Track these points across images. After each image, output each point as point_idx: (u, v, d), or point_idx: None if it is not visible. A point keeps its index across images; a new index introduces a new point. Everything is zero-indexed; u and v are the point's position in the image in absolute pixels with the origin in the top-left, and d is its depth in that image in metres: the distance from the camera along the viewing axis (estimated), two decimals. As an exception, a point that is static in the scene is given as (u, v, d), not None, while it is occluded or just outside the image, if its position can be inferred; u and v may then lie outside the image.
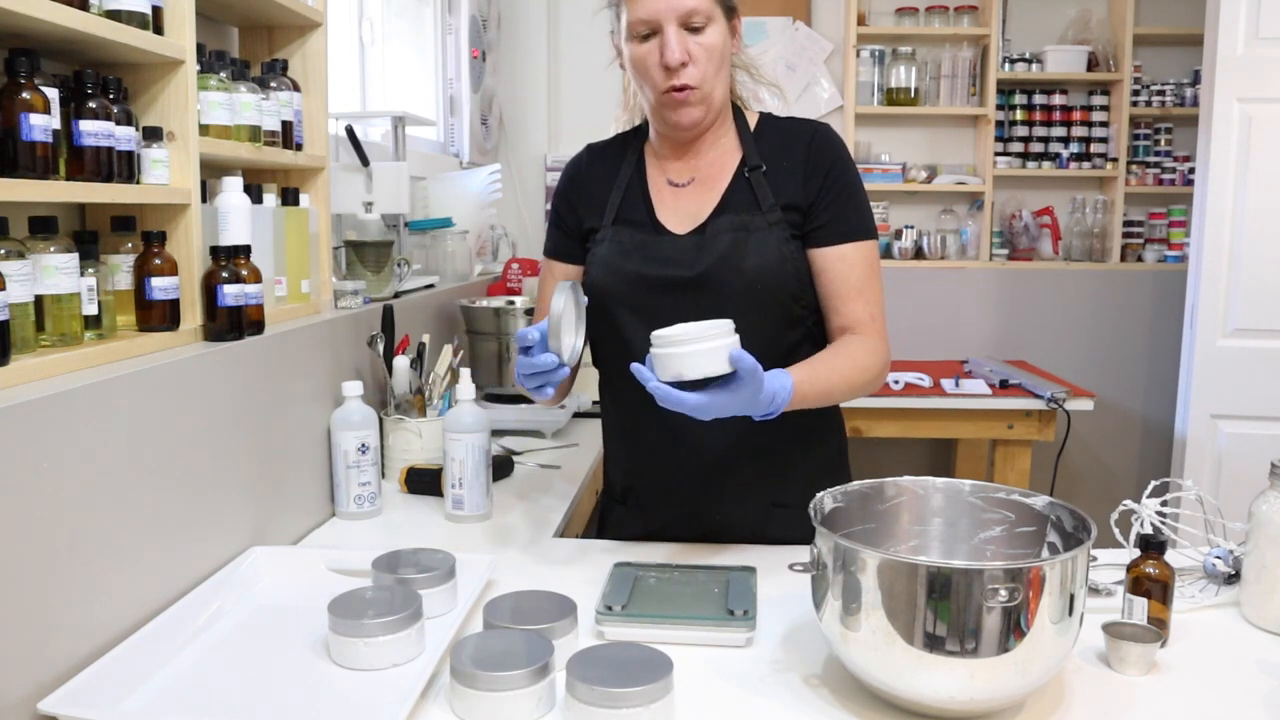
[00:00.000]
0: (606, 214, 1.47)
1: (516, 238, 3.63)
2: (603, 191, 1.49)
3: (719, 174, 1.45)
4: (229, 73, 1.47)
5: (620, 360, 1.46)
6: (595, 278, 1.45)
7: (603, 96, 3.88)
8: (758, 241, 1.38)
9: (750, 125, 1.48)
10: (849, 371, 1.34)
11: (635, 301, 1.42)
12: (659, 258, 1.41)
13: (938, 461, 3.95)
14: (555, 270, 1.54)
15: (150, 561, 1.14)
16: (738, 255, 1.38)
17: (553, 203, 1.57)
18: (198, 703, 1.00)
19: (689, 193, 1.45)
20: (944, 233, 3.90)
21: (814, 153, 1.42)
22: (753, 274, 1.38)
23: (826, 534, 0.99)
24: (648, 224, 1.45)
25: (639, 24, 1.34)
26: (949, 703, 0.94)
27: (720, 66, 1.38)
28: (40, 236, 1.11)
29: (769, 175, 1.42)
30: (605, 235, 1.46)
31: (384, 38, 2.82)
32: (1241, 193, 3.03)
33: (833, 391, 1.32)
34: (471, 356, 2.32)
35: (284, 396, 1.47)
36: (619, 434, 1.54)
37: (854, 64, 3.75)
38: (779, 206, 1.40)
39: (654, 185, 1.47)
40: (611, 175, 1.50)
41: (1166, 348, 3.78)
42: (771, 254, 1.38)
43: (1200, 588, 1.27)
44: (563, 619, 1.09)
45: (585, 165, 1.54)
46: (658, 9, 1.33)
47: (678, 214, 1.44)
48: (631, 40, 1.37)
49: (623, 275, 1.43)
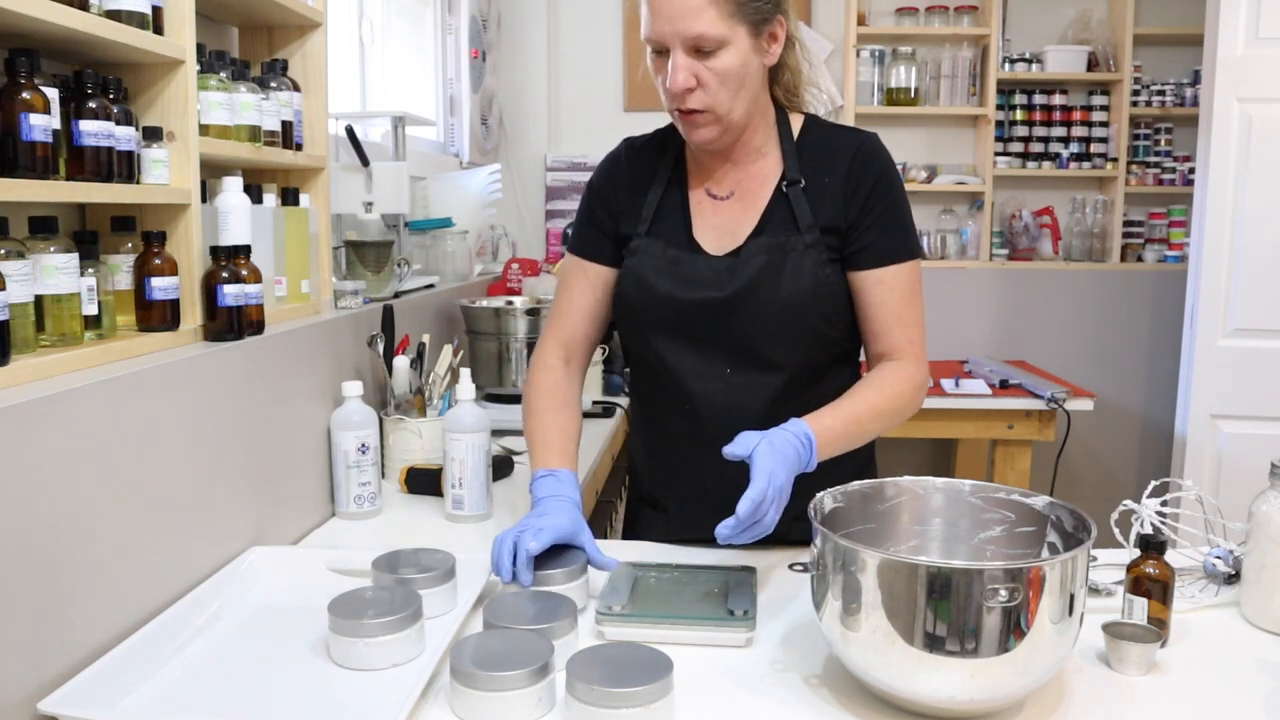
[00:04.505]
0: (642, 221, 1.43)
1: (516, 238, 3.63)
2: (639, 194, 1.45)
3: (760, 188, 1.40)
4: (229, 73, 1.47)
5: (650, 375, 1.46)
6: (627, 292, 1.42)
7: (603, 96, 3.89)
8: (793, 264, 1.34)
9: (794, 131, 1.42)
10: (878, 402, 1.33)
11: (667, 321, 1.40)
12: (692, 279, 1.38)
13: (938, 461, 3.95)
14: (588, 271, 1.49)
15: (150, 561, 1.14)
16: (772, 279, 1.34)
17: (586, 198, 1.51)
18: (198, 703, 1.00)
19: (729, 208, 1.41)
20: (944, 233, 3.90)
21: (856, 171, 1.37)
22: (786, 299, 1.34)
23: (826, 534, 0.99)
24: (683, 240, 1.41)
25: (649, 41, 1.30)
26: (949, 703, 0.94)
27: (739, 88, 1.30)
28: (40, 236, 1.11)
29: (808, 190, 1.37)
30: (639, 245, 1.42)
31: (384, 38, 2.82)
32: (1241, 193, 3.03)
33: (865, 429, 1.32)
34: (471, 356, 2.32)
35: (284, 396, 1.47)
36: (645, 443, 1.53)
37: (854, 64, 3.75)
38: (817, 228, 1.36)
39: (693, 195, 1.43)
40: (649, 177, 1.45)
41: (1166, 348, 3.78)
42: (806, 278, 1.34)
43: (1200, 588, 1.27)
44: (563, 619, 1.09)
45: (624, 163, 1.49)
46: (663, 32, 1.27)
47: (716, 231, 1.40)
48: (649, 54, 1.32)
49: (654, 295, 1.39)
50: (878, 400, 1.34)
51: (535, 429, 1.43)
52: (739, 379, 1.39)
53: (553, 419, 1.43)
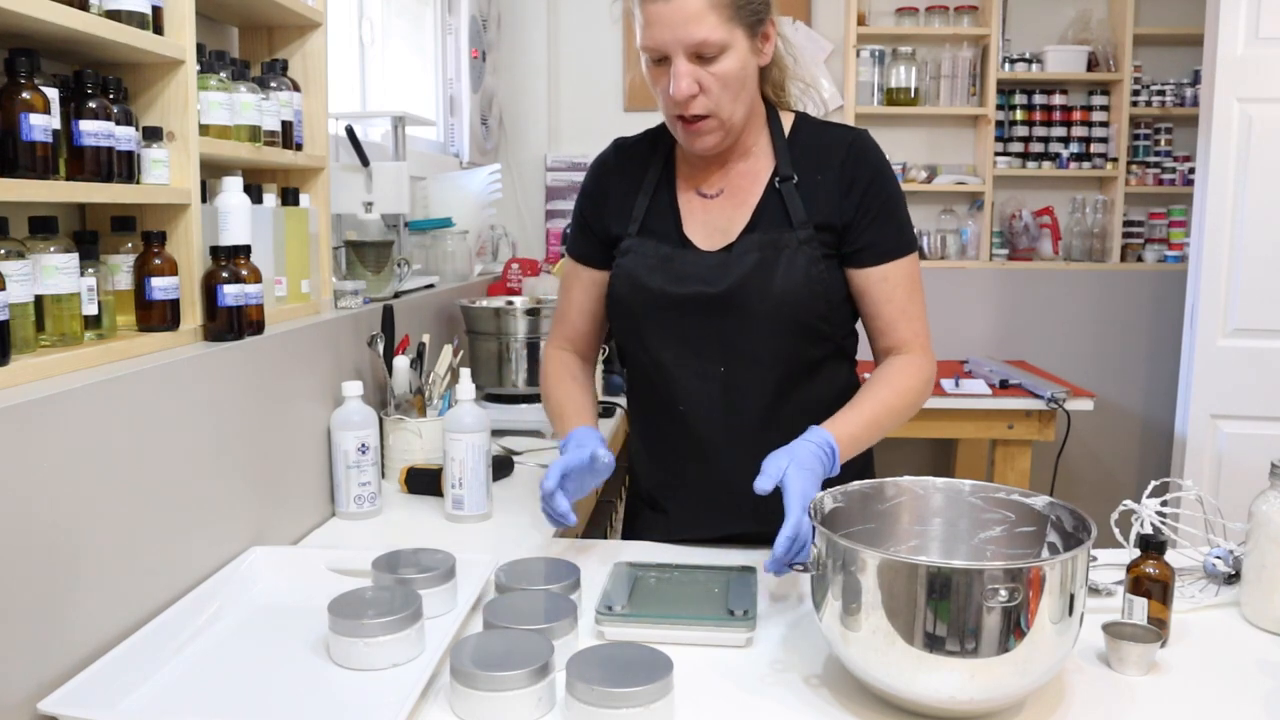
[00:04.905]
0: (632, 222, 1.43)
1: (516, 238, 3.63)
2: (629, 195, 1.45)
3: (750, 185, 1.40)
4: (229, 73, 1.47)
5: (645, 374, 1.47)
6: (620, 292, 1.43)
7: (603, 96, 3.89)
8: (786, 261, 1.34)
9: (785, 128, 1.42)
10: (891, 400, 1.36)
11: (660, 318, 1.40)
12: (683, 274, 1.38)
13: (938, 461, 3.95)
14: (582, 275, 1.51)
15: (150, 561, 1.14)
16: (764, 275, 1.34)
17: (578, 202, 1.52)
18: (198, 703, 1.00)
19: (719, 205, 1.41)
20: (944, 233, 3.90)
21: (850, 168, 1.36)
22: (779, 295, 1.34)
23: (826, 534, 0.99)
24: (674, 237, 1.41)
25: (648, 50, 1.29)
26: (949, 703, 0.94)
27: (740, 91, 1.31)
28: (40, 236, 1.11)
29: (801, 187, 1.37)
30: (630, 245, 1.42)
31: (384, 38, 2.82)
32: (1241, 193, 3.03)
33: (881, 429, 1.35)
34: (471, 356, 2.32)
35: (284, 396, 1.47)
36: (644, 443, 1.53)
37: (854, 64, 3.75)
38: (811, 224, 1.36)
39: (683, 194, 1.43)
40: (638, 178, 1.45)
41: (1166, 348, 3.78)
42: (799, 274, 1.34)
43: (1200, 588, 1.27)
44: (563, 619, 1.09)
45: (612, 165, 1.49)
46: (664, 40, 1.26)
47: (706, 228, 1.40)
48: (647, 63, 1.31)
49: (647, 292, 1.39)
50: (892, 398, 1.36)
51: (553, 406, 1.50)
52: (732, 376, 1.39)
53: (565, 393, 1.49)
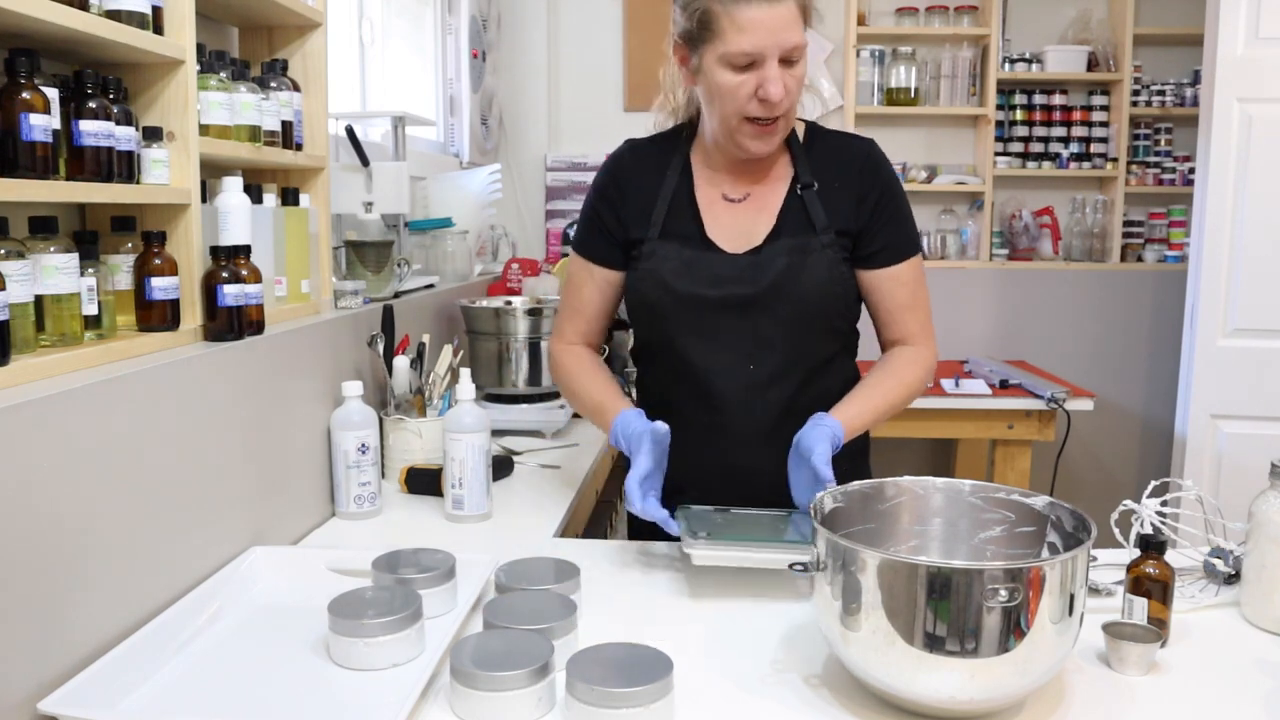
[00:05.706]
0: (652, 225, 1.45)
1: (516, 238, 3.63)
2: (647, 197, 1.46)
3: (773, 190, 1.45)
4: (229, 73, 1.47)
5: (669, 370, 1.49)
6: (648, 295, 1.45)
7: (603, 96, 3.89)
8: (813, 264, 1.41)
9: (799, 135, 1.47)
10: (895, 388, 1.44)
11: (690, 320, 1.44)
12: (716, 277, 1.42)
13: (938, 461, 3.95)
14: (595, 274, 1.52)
15: (150, 561, 1.14)
16: (794, 278, 1.40)
17: (591, 200, 1.52)
18: (198, 703, 1.00)
19: (744, 209, 1.45)
20: (944, 233, 3.90)
21: (867, 176, 1.44)
22: (806, 295, 1.41)
23: (826, 534, 0.99)
24: (697, 239, 1.44)
25: (740, 55, 1.30)
26: (949, 703, 0.94)
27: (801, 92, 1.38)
28: (40, 236, 1.11)
29: (820, 193, 1.43)
30: (652, 248, 1.45)
31: (384, 38, 2.82)
32: (1241, 193, 3.03)
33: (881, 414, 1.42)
34: (471, 356, 2.31)
35: (284, 396, 1.47)
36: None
37: (854, 64, 3.75)
38: (832, 229, 1.42)
39: (704, 197, 1.46)
40: (656, 180, 1.47)
41: (1166, 348, 3.78)
42: (824, 276, 1.41)
43: (1200, 588, 1.27)
44: (563, 619, 1.09)
45: (628, 164, 1.50)
46: (764, 45, 1.29)
47: (730, 231, 1.44)
48: (724, 67, 1.32)
49: (677, 295, 1.43)
50: (896, 388, 1.45)
51: (586, 399, 1.51)
52: (759, 371, 1.45)
53: (594, 383, 1.51)
